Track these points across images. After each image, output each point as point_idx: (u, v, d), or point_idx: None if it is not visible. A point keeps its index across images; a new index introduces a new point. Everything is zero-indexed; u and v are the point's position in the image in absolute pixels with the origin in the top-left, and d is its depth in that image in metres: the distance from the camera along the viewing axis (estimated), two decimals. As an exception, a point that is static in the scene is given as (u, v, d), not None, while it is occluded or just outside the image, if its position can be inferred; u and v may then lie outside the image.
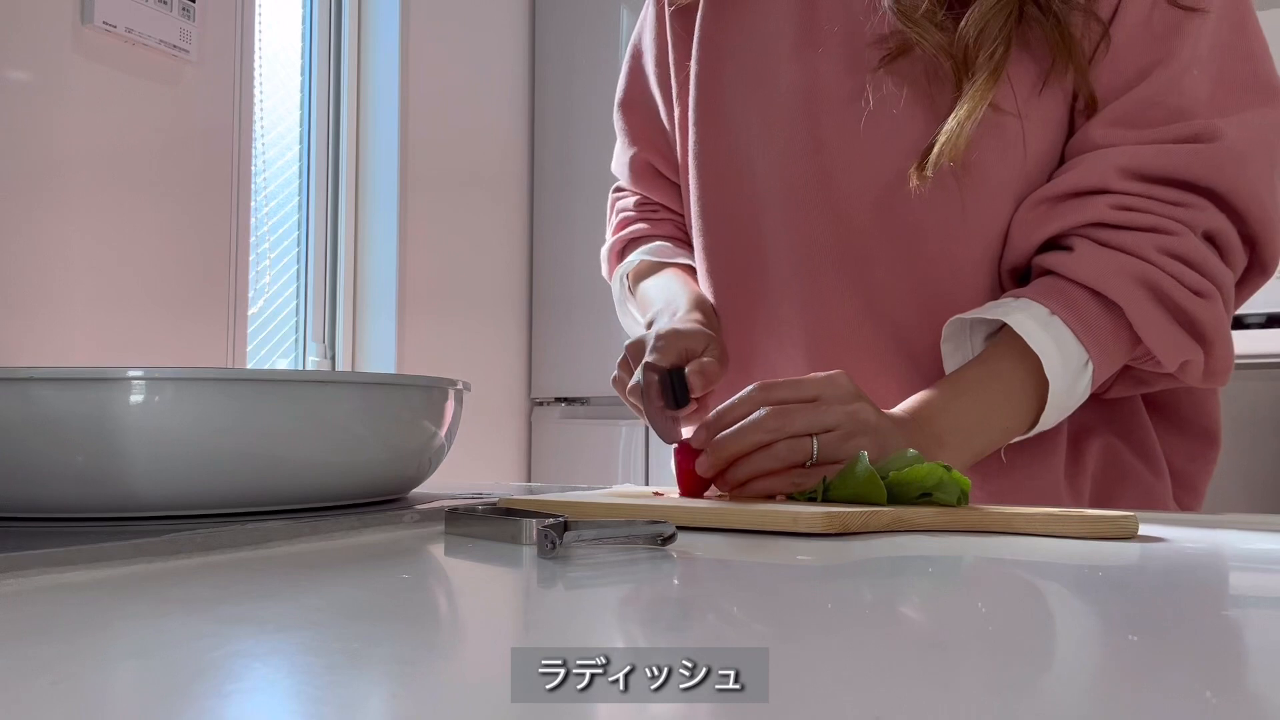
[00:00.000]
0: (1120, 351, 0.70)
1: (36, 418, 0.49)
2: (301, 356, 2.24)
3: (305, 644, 0.29)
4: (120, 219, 1.71)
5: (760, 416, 0.62)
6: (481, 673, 0.27)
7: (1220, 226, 0.69)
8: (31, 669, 0.26)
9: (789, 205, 0.81)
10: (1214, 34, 0.71)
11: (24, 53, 1.58)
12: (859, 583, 0.42)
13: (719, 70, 0.85)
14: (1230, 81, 0.71)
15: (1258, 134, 0.70)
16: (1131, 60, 0.71)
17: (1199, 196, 0.69)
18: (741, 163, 0.84)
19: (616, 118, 1.01)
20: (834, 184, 0.78)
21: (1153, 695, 0.24)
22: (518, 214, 2.69)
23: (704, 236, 0.88)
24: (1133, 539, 0.52)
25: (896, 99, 0.74)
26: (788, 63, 0.80)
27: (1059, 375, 0.68)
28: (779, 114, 0.81)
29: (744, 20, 0.84)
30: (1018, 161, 0.73)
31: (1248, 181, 0.69)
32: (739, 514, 0.55)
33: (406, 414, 0.60)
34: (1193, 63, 0.70)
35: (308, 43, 2.28)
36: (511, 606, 0.39)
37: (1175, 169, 0.69)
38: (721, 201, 0.86)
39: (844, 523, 0.53)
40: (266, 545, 0.49)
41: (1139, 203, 0.69)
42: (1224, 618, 0.35)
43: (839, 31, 0.78)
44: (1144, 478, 0.78)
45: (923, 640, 0.30)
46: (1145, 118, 0.70)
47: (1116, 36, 0.71)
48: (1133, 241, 0.68)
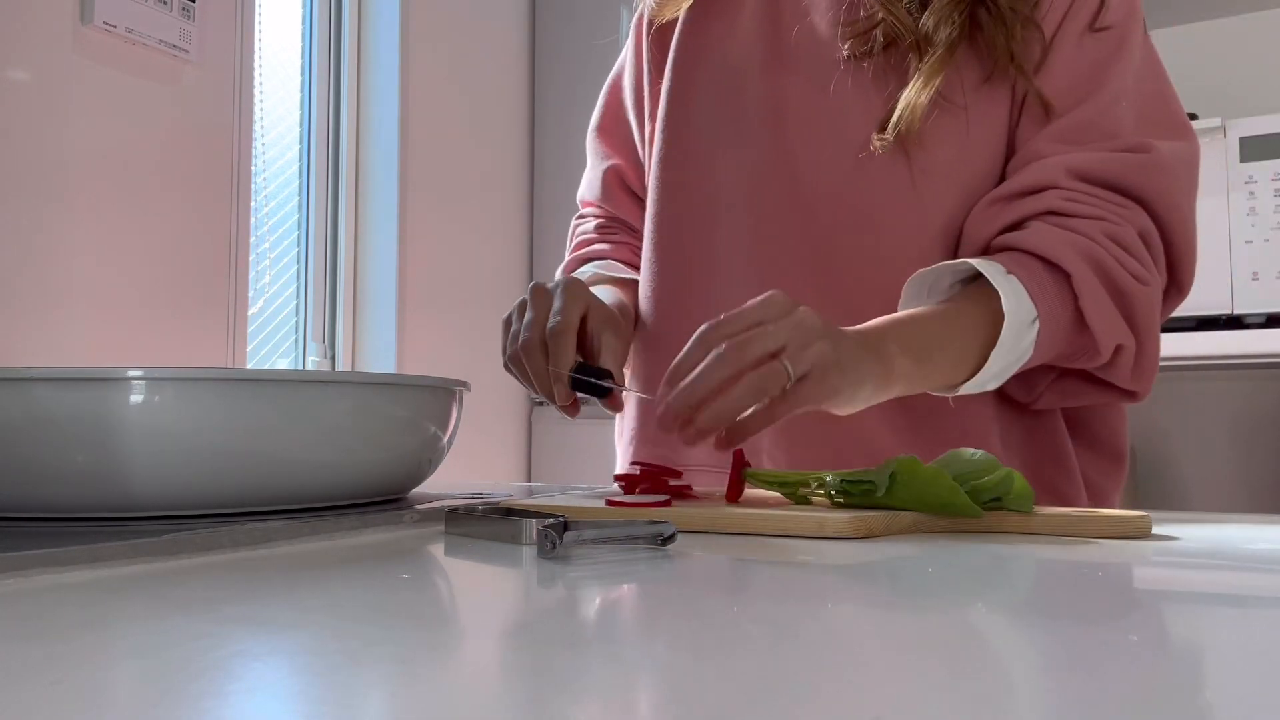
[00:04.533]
0: (1064, 324, 0.72)
1: (36, 418, 0.49)
2: (301, 356, 2.24)
3: (305, 644, 0.29)
4: (120, 219, 1.71)
5: (716, 356, 0.60)
6: (481, 673, 0.27)
7: (1150, 229, 0.76)
8: (31, 669, 0.26)
9: (752, 205, 0.84)
10: (1135, 75, 0.79)
11: (24, 53, 1.58)
12: (859, 583, 0.42)
13: (690, 82, 0.90)
14: (1149, 118, 0.79)
15: (1178, 159, 0.78)
16: (1066, 84, 0.78)
17: (1133, 201, 0.76)
18: (703, 165, 0.88)
19: (590, 142, 1.05)
20: (800, 185, 0.82)
21: (1154, 695, 0.24)
22: (518, 214, 2.69)
23: (657, 232, 0.90)
24: (1146, 538, 0.52)
25: (860, 94, 0.81)
26: (757, 79, 0.86)
27: (1013, 312, 0.70)
28: (748, 123, 0.85)
29: (717, 36, 0.90)
30: (963, 144, 0.79)
31: (1171, 194, 0.76)
32: (763, 520, 0.54)
33: (406, 414, 0.60)
34: (1121, 95, 0.78)
35: (308, 43, 2.28)
36: (511, 607, 0.39)
37: (1114, 175, 0.75)
38: (679, 202, 0.89)
39: (869, 527, 0.53)
40: (266, 545, 0.49)
41: (1085, 198, 0.75)
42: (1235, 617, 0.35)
43: (806, 52, 0.84)
44: (1061, 486, 0.83)
45: (923, 640, 0.30)
46: (1083, 137, 0.77)
47: (1053, 59, 0.78)
48: (1082, 225, 0.74)
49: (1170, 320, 1.85)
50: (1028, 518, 0.54)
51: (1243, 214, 1.84)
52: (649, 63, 0.96)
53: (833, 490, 0.58)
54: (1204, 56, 2.22)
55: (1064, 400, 0.81)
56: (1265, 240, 1.82)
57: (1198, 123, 1.89)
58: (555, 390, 0.75)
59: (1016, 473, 0.55)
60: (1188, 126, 0.80)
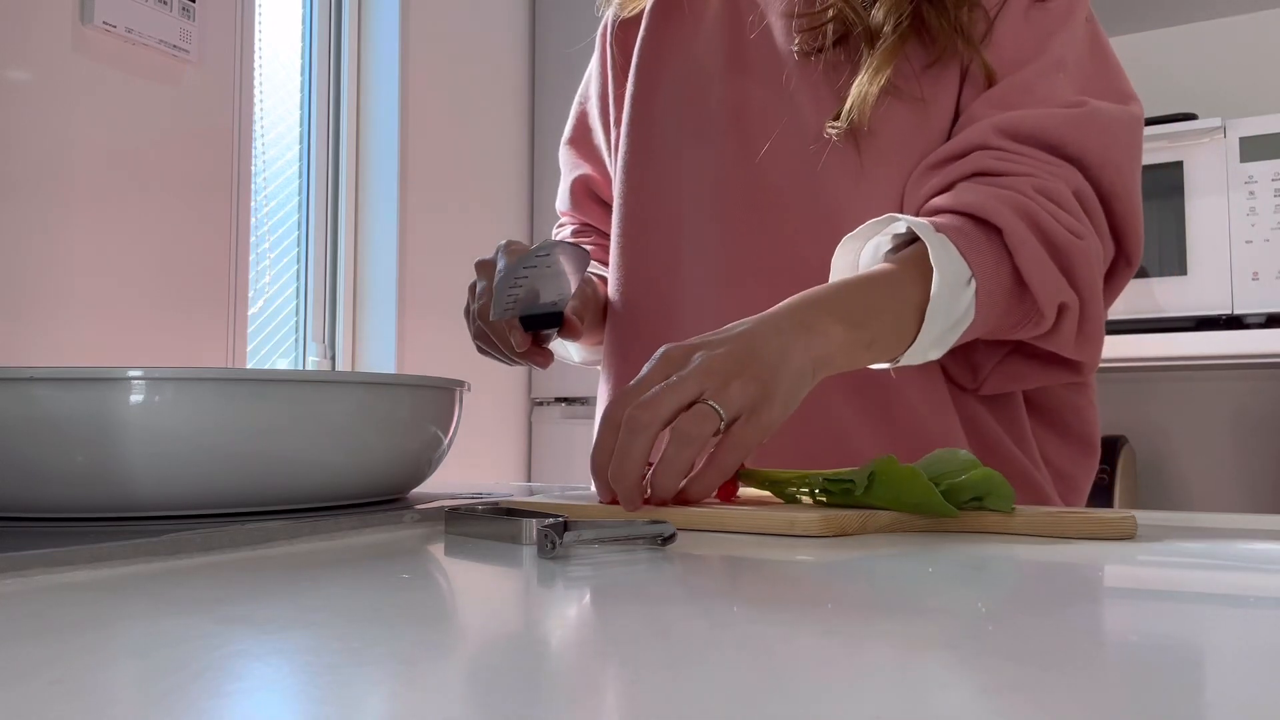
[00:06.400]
0: (1003, 283, 0.69)
1: (36, 418, 0.49)
2: (301, 356, 2.24)
3: (305, 644, 0.29)
4: (120, 219, 1.71)
5: (627, 430, 0.55)
6: (481, 673, 0.27)
7: (1084, 187, 0.73)
8: (31, 669, 0.26)
9: (716, 202, 0.85)
10: (1077, 50, 0.79)
11: (24, 53, 1.58)
12: (859, 583, 0.42)
13: (654, 84, 0.91)
14: (1089, 89, 0.77)
15: (1119, 119, 0.75)
16: (1010, 54, 0.78)
17: (1066, 161, 0.74)
18: (668, 165, 0.89)
19: (561, 154, 1.07)
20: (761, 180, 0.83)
21: (1154, 695, 0.24)
22: (518, 214, 2.69)
23: (624, 231, 0.91)
24: (1131, 539, 0.52)
25: (812, 88, 0.82)
26: (719, 82, 0.87)
27: (943, 266, 0.67)
28: (711, 124, 0.87)
29: (680, 39, 0.91)
30: (914, 128, 0.79)
31: (1109, 150, 0.74)
32: (736, 517, 0.55)
33: (407, 414, 0.60)
34: (1062, 65, 0.77)
35: (308, 43, 2.28)
36: (511, 606, 0.39)
37: (1044, 130, 0.73)
38: (645, 201, 0.90)
39: (841, 526, 0.53)
40: (266, 545, 0.49)
41: (1014, 156, 0.73)
42: (1222, 617, 0.35)
43: (764, 52, 0.85)
44: (1023, 465, 0.81)
45: (923, 640, 0.30)
46: (1019, 100, 0.76)
47: (998, 30, 0.78)
48: (1011, 182, 0.72)
49: (1170, 320, 1.86)
50: (1008, 517, 0.54)
51: (1243, 214, 1.84)
52: (613, 68, 0.98)
53: (816, 489, 0.58)
54: (1204, 56, 2.22)
55: (1010, 383, 0.79)
56: (1265, 240, 1.82)
57: (1198, 123, 1.89)
58: (512, 338, 0.75)
59: (997, 473, 0.55)
60: (1132, 96, 0.79)
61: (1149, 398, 2.18)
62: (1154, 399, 2.18)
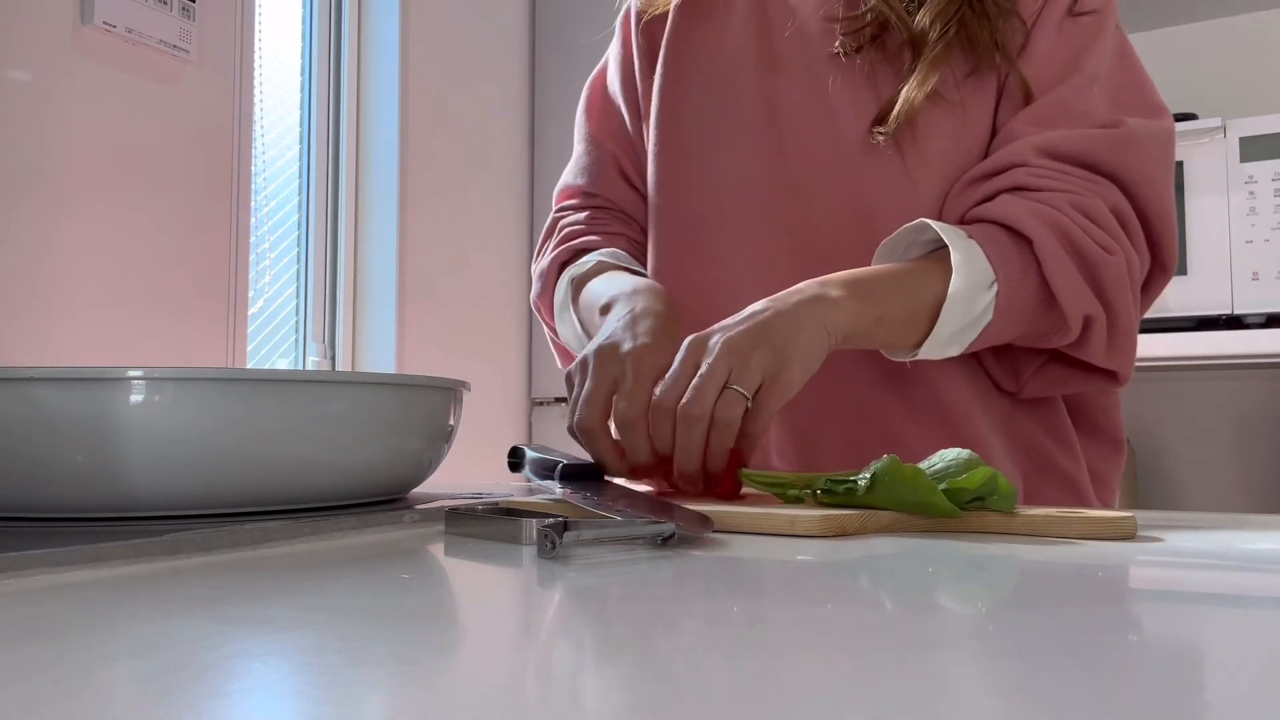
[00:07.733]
0: (1027, 291, 0.72)
1: (36, 418, 0.49)
2: (301, 356, 2.24)
3: (305, 644, 0.29)
4: (120, 219, 1.71)
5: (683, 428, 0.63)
6: (481, 673, 0.27)
7: (1122, 204, 0.76)
8: (31, 669, 0.26)
9: (751, 202, 0.85)
10: (1109, 64, 0.81)
11: (24, 53, 1.58)
12: (859, 583, 0.42)
13: (682, 82, 0.91)
14: (1123, 102, 0.80)
15: (1154, 137, 0.78)
16: (1045, 69, 0.79)
17: (1104, 177, 0.76)
18: (700, 163, 0.89)
19: (580, 129, 1.02)
20: (796, 181, 0.84)
21: (1154, 695, 0.24)
22: (518, 214, 2.69)
23: (658, 230, 0.91)
24: (1132, 539, 0.52)
25: (852, 90, 0.82)
26: (749, 79, 0.87)
27: (964, 268, 0.71)
28: (742, 122, 0.87)
29: (707, 37, 0.91)
30: (954, 135, 0.81)
31: (1144, 169, 0.76)
32: (735, 516, 0.55)
33: (406, 414, 0.60)
34: (1095, 79, 0.79)
35: (308, 43, 2.28)
36: (511, 607, 0.39)
37: (1084, 151, 0.76)
38: (679, 200, 0.90)
39: (841, 526, 0.53)
40: (266, 545, 0.49)
41: (1052, 174, 0.76)
42: (1223, 618, 0.35)
43: (797, 51, 0.86)
44: (1067, 465, 0.84)
45: (923, 640, 0.30)
46: (1056, 118, 0.78)
47: (1034, 44, 0.80)
48: (1047, 198, 0.74)
49: (1170, 320, 1.86)
50: (1008, 518, 0.54)
51: (1243, 214, 1.84)
52: (640, 56, 0.96)
53: (818, 490, 0.58)
54: (1204, 56, 2.22)
55: (1050, 388, 0.82)
56: (1265, 240, 1.82)
57: (1198, 123, 1.89)
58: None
59: (1000, 473, 0.55)
60: (1163, 108, 0.81)
61: (1149, 397, 2.18)
62: (1154, 399, 2.18)
